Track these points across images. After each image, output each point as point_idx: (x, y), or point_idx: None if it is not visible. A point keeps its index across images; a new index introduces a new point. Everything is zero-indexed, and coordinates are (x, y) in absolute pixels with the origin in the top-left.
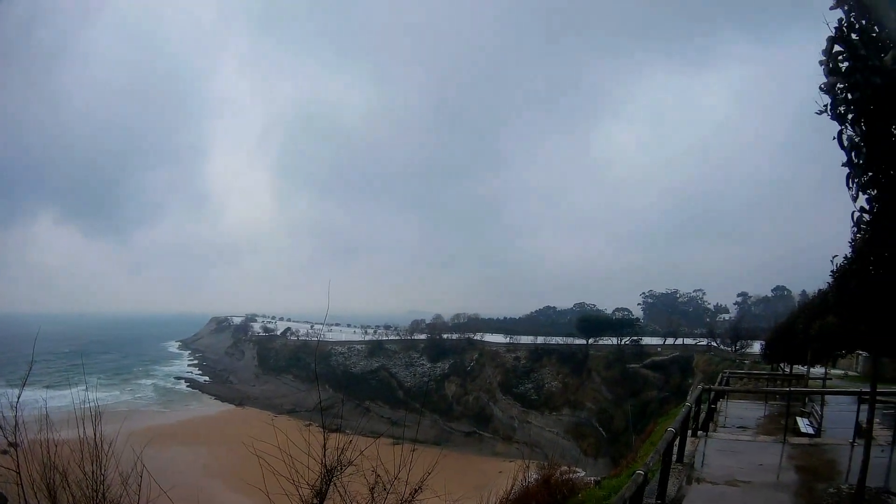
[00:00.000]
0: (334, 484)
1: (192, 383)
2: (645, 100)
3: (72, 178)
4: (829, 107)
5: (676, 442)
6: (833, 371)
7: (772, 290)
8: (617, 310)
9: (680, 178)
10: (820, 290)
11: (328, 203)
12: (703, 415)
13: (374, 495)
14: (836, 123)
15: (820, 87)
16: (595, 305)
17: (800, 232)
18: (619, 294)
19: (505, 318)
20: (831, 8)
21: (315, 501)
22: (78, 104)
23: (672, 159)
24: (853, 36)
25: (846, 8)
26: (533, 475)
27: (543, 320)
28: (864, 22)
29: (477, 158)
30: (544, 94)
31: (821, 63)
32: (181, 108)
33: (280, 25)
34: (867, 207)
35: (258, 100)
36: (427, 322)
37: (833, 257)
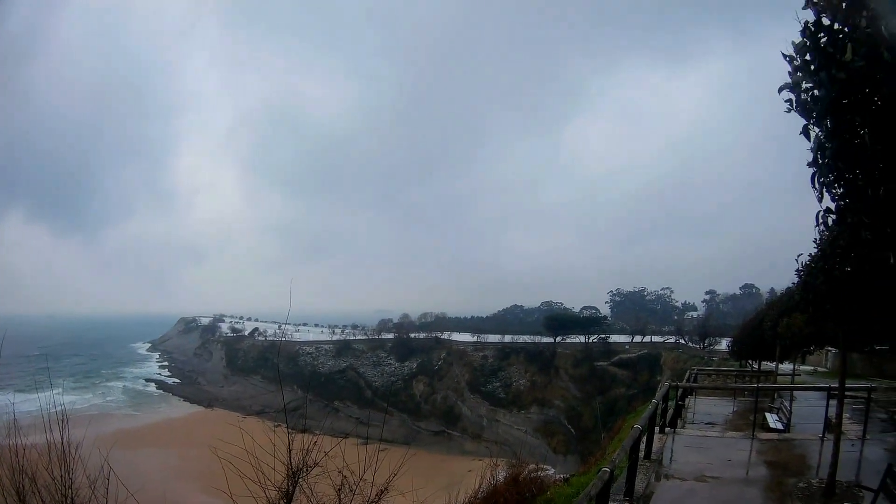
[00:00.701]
0: (300, 485)
1: (162, 385)
2: (620, 95)
3: (40, 175)
4: (793, 102)
5: (644, 439)
6: (802, 367)
7: (740, 288)
8: (585, 308)
9: (652, 174)
10: (788, 287)
11: (297, 200)
12: (670, 412)
13: (341, 497)
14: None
15: (780, 89)
16: (563, 304)
17: (769, 230)
18: (586, 292)
19: (472, 316)
20: (803, 8)
21: (282, 503)
22: (44, 99)
23: (644, 156)
24: (821, 35)
25: (816, 8)
26: (501, 473)
27: (511, 319)
28: (832, 21)
29: (448, 155)
30: (517, 88)
31: (785, 56)
32: (150, 103)
33: (250, 18)
34: (832, 207)
35: (228, 94)
36: (394, 321)
37: (798, 256)
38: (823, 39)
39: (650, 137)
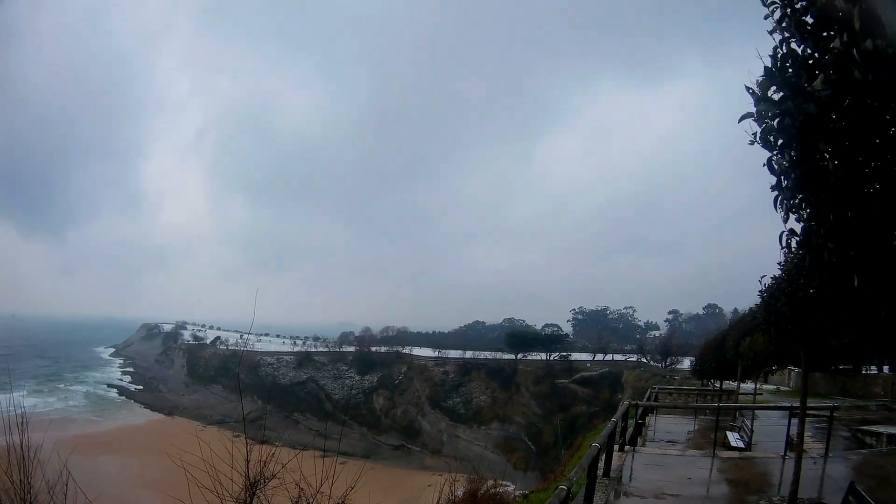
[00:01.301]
0: (258, 497)
1: (123, 391)
2: (592, 113)
3: (7, 172)
4: (758, 135)
5: (603, 457)
6: (765, 386)
7: (703, 308)
8: (546, 325)
9: (619, 194)
10: (751, 308)
11: (262, 209)
12: (631, 430)
13: None
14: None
15: (740, 119)
16: (524, 321)
17: (734, 250)
18: (549, 310)
19: (434, 331)
20: (770, 32)
21: None
22: (11, 95)
23: (612, 175)
24: (788, 64)
25: (783, 35)
26: (460, 489)
27: (472, 335)
28: (801, 46)
29: (416, 168)
30: (490, 102)
31: (748, 89)
32: (121, 103)
33: (225, 19)
34: (796, 229)
35: (199, 97)
36: (356, 334)
37: (761, 277)
38: (790, 69)
39: (619, 157)
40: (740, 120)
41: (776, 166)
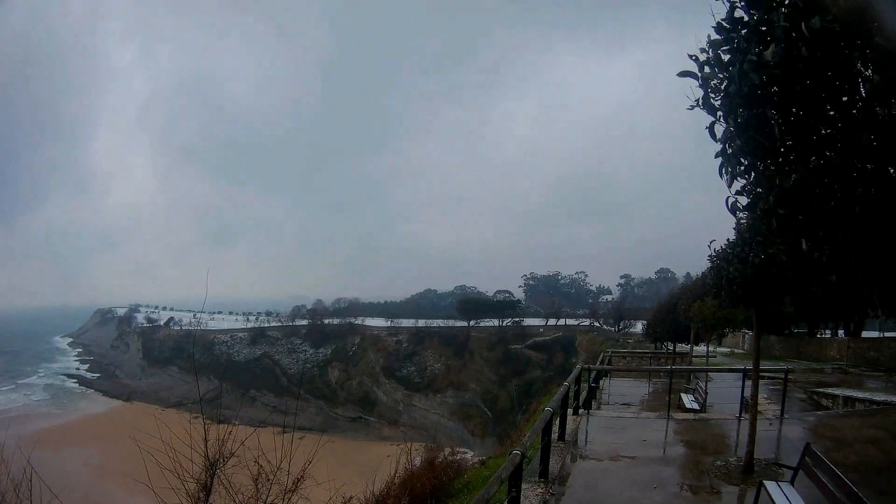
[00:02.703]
0: (218, 476)
1: (81, 380)
2: (550, 77)
3: None
4: (700, 100)
5: (557, 421)
6: (720, 349)
7: (655, 273)
8: (498, 292)
9: (573, 160)
10: (703, 272)
11: (211, 183)
12: (584, 394)
13: (259, 486)
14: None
15: (680, 74)
16: (476, 288)
17: (687, 214)
18: (500, 276)
19: (386, 301)
20: None
21: (202, 495)
22: None
23: (570, 140)
24: (733, 33)
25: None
26: (418, 458)
27: (424, 303)
28: (750, 15)
29: (365, 135)
30: (441, 65)
31: (691, 56)
32: (62, 77)
33: None
34: (743, 195)
35: (143, 67)
36: (308, 307)
37: (711, 242)
38: (736, 37)
39: (577, 122)
40: (679, 75)
41: (719, 133)
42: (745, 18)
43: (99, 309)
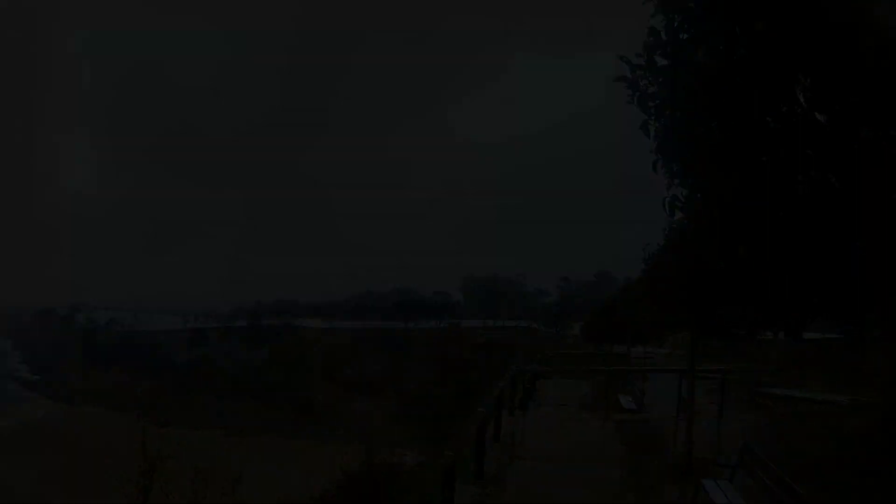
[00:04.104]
0: (157, 480)
1: (25, 383)
2: (513, 68)
3: None
4: (634, 98)
5: (492, 422)
6: (659, 350)
7: (595, 275)
8: (437, 293)
9: (526, 160)
10: (640, 275)
11: (155, 177)
12: (521, 394)
13: (197, 489)
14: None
15: (616, 79)
16: (415, 287)
17: (631, 215)
18: (439, 277)
19: (325, 302)
20: (652, 15)
21: (141, 498)
22: None
23: (524, 140)
24: (666, 39)
25: (665, 8)
26: (356, 461)
27: (363, 303)
28: (682, 23)
29: (313, 128)
30: (393, 58)
31: (621, 57)
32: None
33: None
34: (679, 196)
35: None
36: (247, 308)
37: (645, 245)
38: (669, 44)
39: (533, 120)
40: (615, 80)
41: (653, 130)
42: (676, 19)
43: (40, 309)
